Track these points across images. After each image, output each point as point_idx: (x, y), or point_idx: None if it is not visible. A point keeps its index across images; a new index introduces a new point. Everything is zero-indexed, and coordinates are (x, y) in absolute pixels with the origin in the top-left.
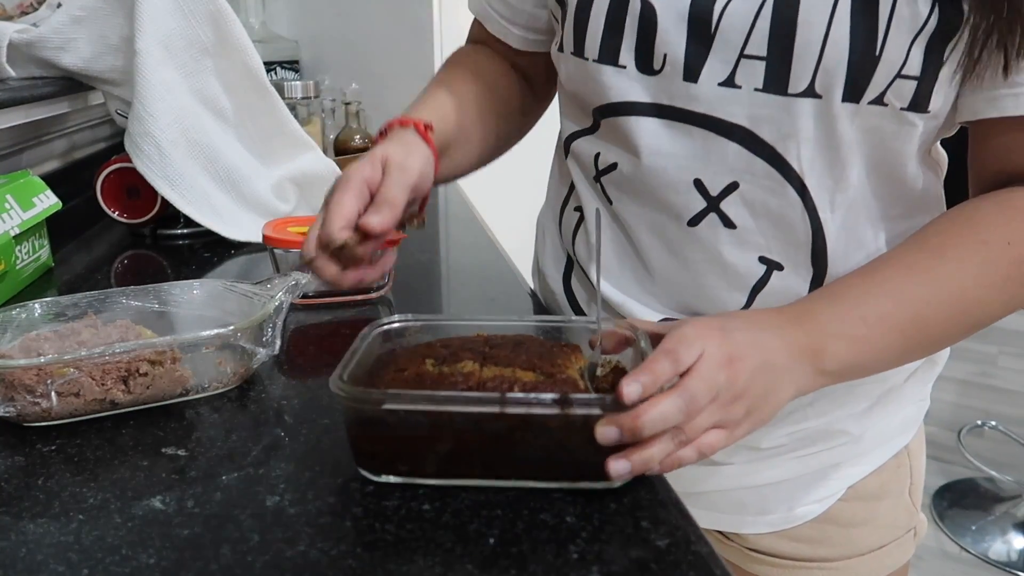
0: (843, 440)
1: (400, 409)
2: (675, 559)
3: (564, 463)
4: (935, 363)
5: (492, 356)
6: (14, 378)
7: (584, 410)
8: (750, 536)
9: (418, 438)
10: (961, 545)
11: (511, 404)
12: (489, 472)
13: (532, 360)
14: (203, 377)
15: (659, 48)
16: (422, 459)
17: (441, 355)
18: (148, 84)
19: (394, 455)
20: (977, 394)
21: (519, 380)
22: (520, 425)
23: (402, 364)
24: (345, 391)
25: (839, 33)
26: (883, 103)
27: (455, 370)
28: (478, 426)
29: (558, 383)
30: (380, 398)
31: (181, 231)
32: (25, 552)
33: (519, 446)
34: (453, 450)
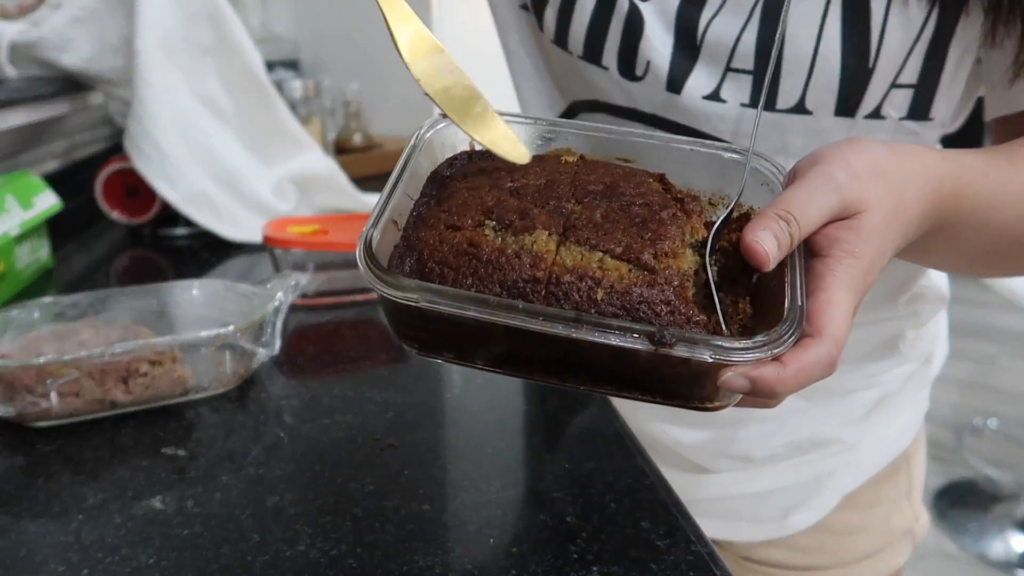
0: (837, 448)
1: (440, 309)
2: (675, 559)
3: (651, 386)
4: (931, 365)
5: (576, 222)
6: (14, 378)
7: (685, 352)
8: (743, 544)
9: (466, 335)
10: (961, 545)
11: (587, 328)
12: (552, 377)
13: (628, 238)
14: (203, 377)
15: (643, 54)
16: (471, 352)
17: (508, 212)
18: (148, 84)
19: (437, 342)
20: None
21: (605, 279)
22: (597, 349)
23: (456, 213)
24: (373, 274)
25: (829, 48)
26: (880, 116)
27: (523, 244)
28: (542, 339)
29: (657, 286)
30: (414, 293)
31: (181, 231)
32: (25, 552)
33: (593, 364)
34: (509, 352)
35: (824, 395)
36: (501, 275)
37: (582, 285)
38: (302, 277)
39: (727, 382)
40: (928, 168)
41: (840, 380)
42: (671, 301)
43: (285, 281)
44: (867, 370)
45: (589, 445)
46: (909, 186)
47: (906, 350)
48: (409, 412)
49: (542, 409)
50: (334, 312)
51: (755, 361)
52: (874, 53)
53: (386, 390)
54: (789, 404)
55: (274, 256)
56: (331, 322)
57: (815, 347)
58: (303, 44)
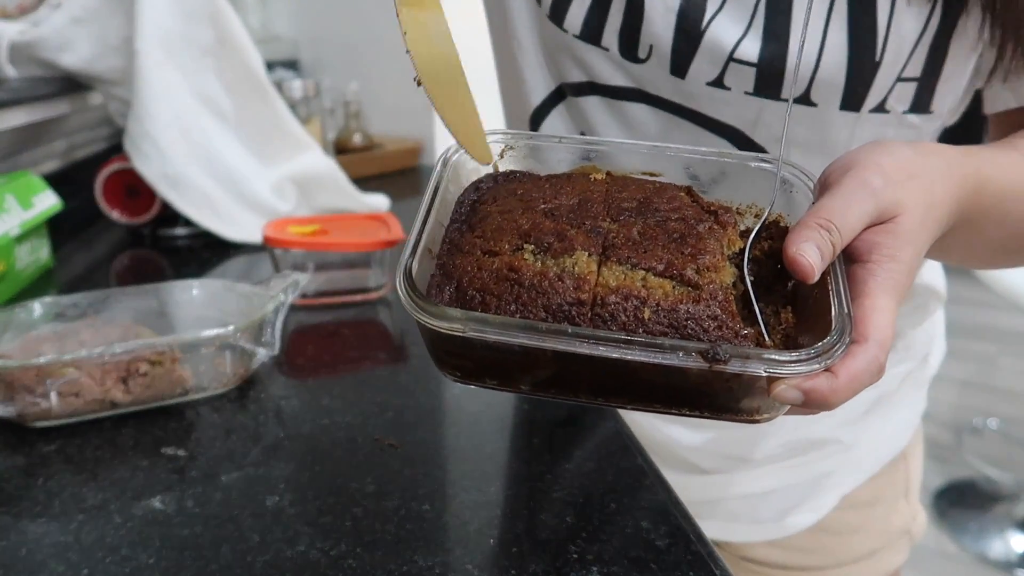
0: (836, 449)
1: (487, 338)
2: (675, 559)
3: (702, 402)
4: (928, 364)
5: (615, 243)
6: (14, 378)
7: (739, 367)
8: (742, 545)
9: (512, 362)
10: (961, 545)
11: (639, 349)
12: (599, 398)
13: (669, 254)
14: (203, 377)
15: (645, 39)
16: (517, 379)
17: (545, 233)
18: (148, 84)
19: (482, 371)
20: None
21: (651, 298)
22: (648, 369)
23: (492, 241)
24: (417, 307)
25: (834, 42)
26: (885, 110)
27: (563, 267)
28: (591, 360)
29: (703, 301)
30: (460, 324)
31: (181, 231)
32: (25, 552)
33: (643, 383)
34: (557, 375)
35: None
36: (545, 299)
37: (628, 305)
38: (302, 277)
39: (780, 395)
40: (951, 165)
41: None
42: (718, 316)
43: (285, 281)
44: None
45: (589, 445)
46: (937, 184)
47: (903, 350)
48: (409, 412)
49: (542, 409)
50: (334, 312)
51: (808, 373)
52: (880, 46)
53: (386, 390)
54: None
55: (274, 256)
56: (331, 322)
57: (863, 354)
58: (303, 44)
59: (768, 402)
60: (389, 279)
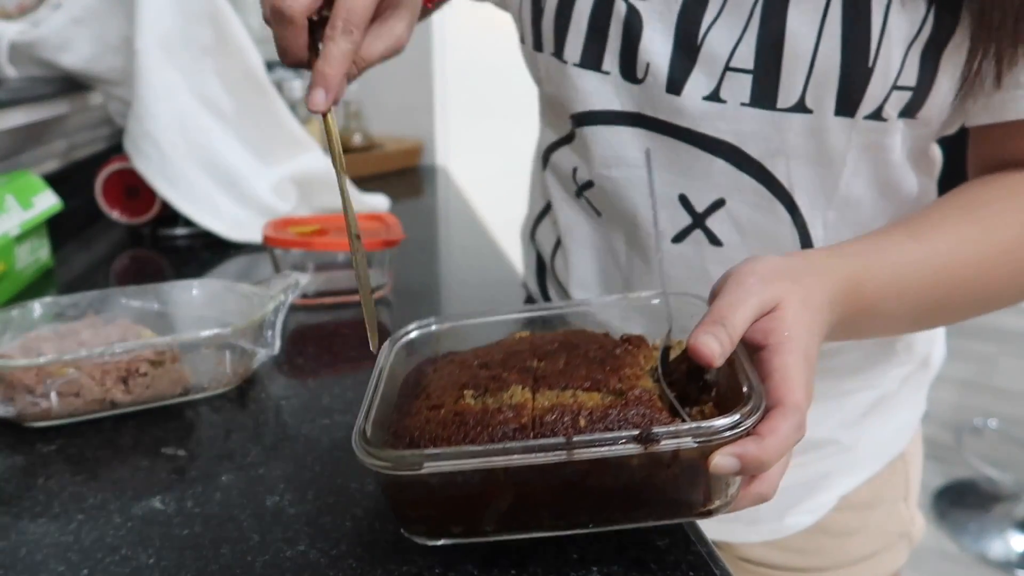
0: (834, 449)
1: (443, 471)
2: (675, 559)
3: (652, 501)
4: (929, 367)
5: (544, 375)
6: (14, 378)
7: (673, 444)
8: (740, 546)
9: (471, 496)
10: (961, 545)
11: (580, 448)
12: (560, 522)
13: (593, 374)
14: (203, 377)
15: (642, 57)
16: (478, 518)
17: (481, 380)
18: (148, 84)
19: (444, 517)
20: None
21: (583, 408)
22: (594, 468)
23: (435, 397)
24: (372, 455)
25: (829, 45)
26: (882, 118)
27: (502, 402)
28: (542, 475)
29: (632, 404)
30: (417, 460)
31: (181, 231)
32: (25, 552)
33: (594, 491)
34: (515, 504)
35: (821, 397)
36: (490, 432)
37: (564, 419)
38: (302, 277)
39: (717, 466)
40: (820, 267)
41: (836, 382)
42: (646, 413)
43: (285, 281)
44: (864, 372)
45: None
46: (808, 279)
47: (903, 352)
48: None
49: None
50: (334, 312)
51: (735, 439)
52: (874, 53)
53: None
54: None
55: (274, 256)
56: (331, 322)
57: (781, 416)
58: None
59: (716, 485)
60: (389, 279)
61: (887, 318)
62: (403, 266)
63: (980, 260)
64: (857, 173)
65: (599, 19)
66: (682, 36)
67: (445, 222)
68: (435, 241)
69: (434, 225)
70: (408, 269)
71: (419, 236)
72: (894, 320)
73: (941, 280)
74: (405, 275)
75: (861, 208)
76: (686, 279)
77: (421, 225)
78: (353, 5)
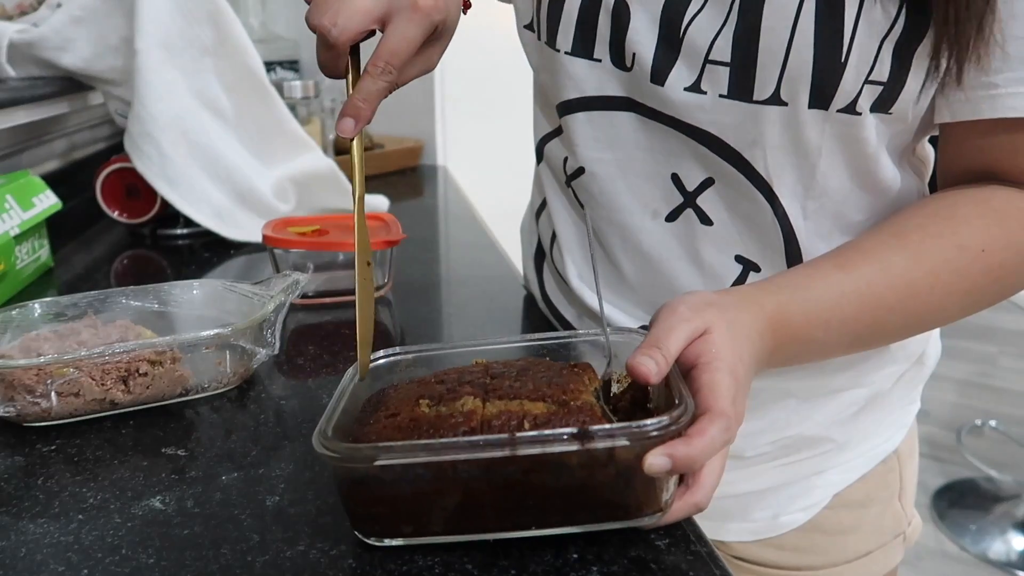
0: (828, 447)
1: (396, 464)
2: (675, 559)
3: (591, 504)
4: (924, 365)
5: (495, 388)
6: (14, 378)
7: (608, 443)
8: (734, 544)
9: (421, 494)
10: (961, 545)
11: (523, 444)
12: (505, 523)
13: (541, 388)
14: (203, 377)
15: (629, 47)
16: (427, 517)
17: (437, 393)
18: (148, 84)
19: (395, 516)
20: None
21: (528, 414)
22: (536, 467)
23: (393, 407)
24: (330, 449)
25: (803, 40)
26: (856, 112)
27: (454, 409)
28: (488, 473)
29: (573, 412)
30: (371, 454)
31: (181, 231)
32: (25, 552)
33: (537, 491)
34: (462, 503)
35: (813, 394)
36: (441, 434)
37: (511, 423)
38: (302, 277)
39: (651, 466)
40: (747, 297)
41: (829, 379)
42: (586, 420)
43: (285, 281)
44: (856, 369)
45: None
46: (735, 309)
47: (896, 350)
48: None
49: None
50: (334, 312)
51: (665, 438)
52: (846, 48)
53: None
54: (778, 403)
55: (274, 256)
56: (331, 322)
57: (708, 420)
58: (303, 44)
59: (651, 490)
60: (390, 279)
61: (819, 345)
62: (403, 266)
63: (907, 284)
64: (833, 164)
65: (589, 10)
66: (666, 27)
67: (445, 222)
68: (435, 241)
69: (434, 225)
70: (408, 269)
71: (419, 236)
72: (827, 347)
73: (867, 307)
74: (405, 275)
75: (840, 198)
76: (677, 259)
77: (421, 225)
78: (397, 48)
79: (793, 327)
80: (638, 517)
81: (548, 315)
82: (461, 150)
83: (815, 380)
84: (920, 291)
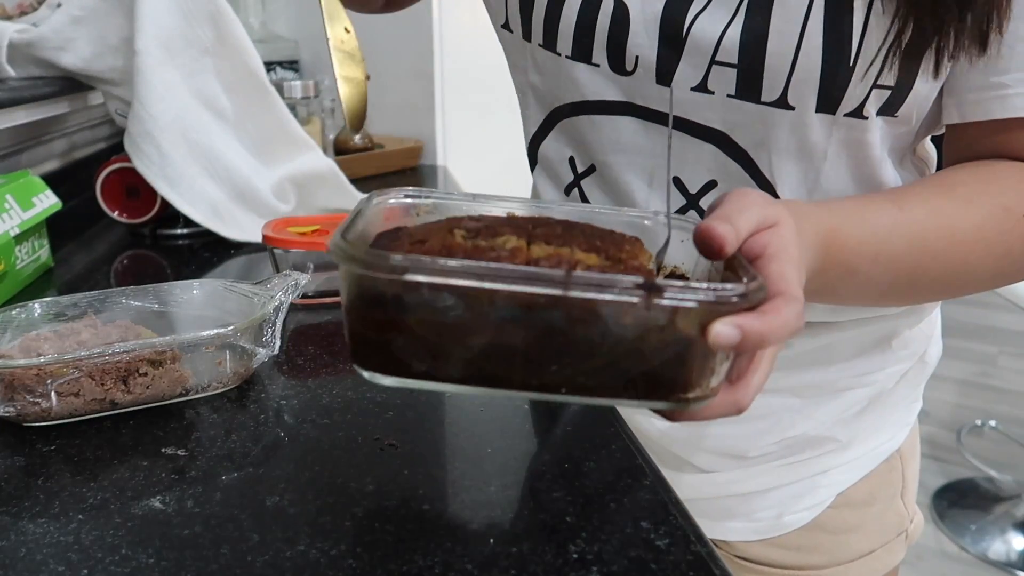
0: (831, 447)
1: (427, 283)
2: (675, 559)
3: (635, 373)
4: (926, 364)
5: (541, 235)
6: (14, 378)
7: (675, 301)
8: (738, 544)
9: (446, 326)
10: (961, 545)
11: (578, 286)
12: (533, 380)
13: (594, 241)
14: (203, 377)
15: (631, 50)
16: (447, 356)
17: (472, 226)
18: (148, 84)
19: (411, 348)
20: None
21: (581, 262)
22: (586, 316)
23: (420, 235)
24: (352, 253)
25: (811, 44)
26: (863, 116)
27: (495, 244)
28: (529, 315)
29: (631, 271)
30: (402, 264)
31: (181, 231)
32: (25, 552)
33: (579, 346)
34: (491, 346)
35: (816, 393)
36: None
37: (561, 266)
38: (302, 277)
39: (718, 335)
40: (808, 209)
41: (832, 379)
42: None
43: (285, 281)
44: (859, 368)
45: (589, 445)
46: (799, 215)
47: (899, 349)
48: (409, 412)
49: (542, 408)
50: (334, 312)
51: (739, 310)
52: (854, 52)
53: (386, 390)
54: (781, 402)
55: (274, 256)
56: (331, 322)
57: (783, 300)
58: (303, 44)
59: (700, 370)
60: None
61: (861, 279)
62: None
63: (953, 233)
64: (837, 168)
65: (587, 14)
66: (667, 29)
67: None
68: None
69: None
70: None
71: None
72: (867, 284)
73: (914, 248)
74: None
75: None
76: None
77: None
78: None
79: (845, 252)
80: (679, 400)
81: None
82: (461, 150)
83: (818, 379)
84: (964, 242)
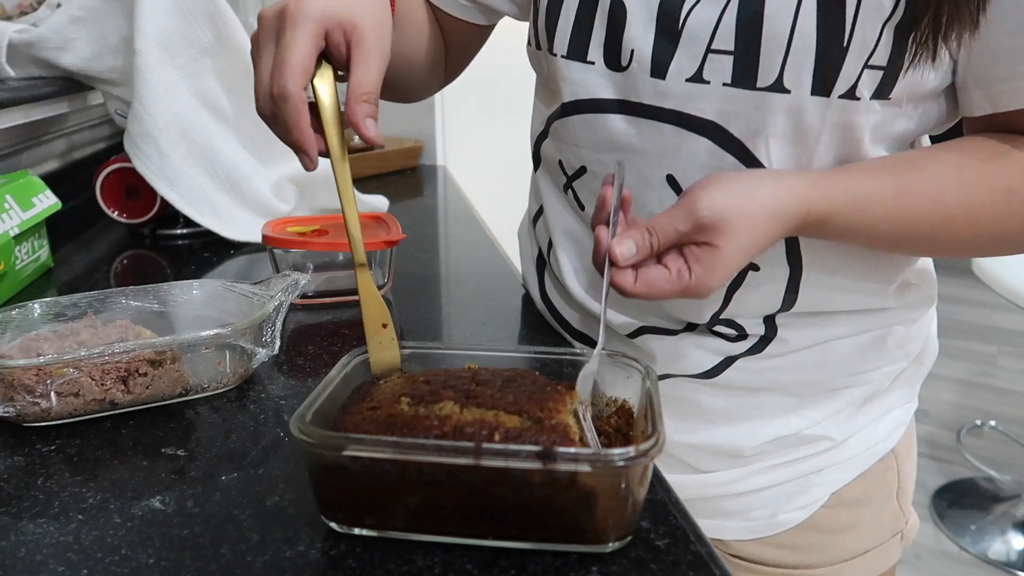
0: (826, 446)
1: (363, 456)
2: (675, 559)
3: (549, 523)
4: (922, 364)
5: (477, 395)
6: (14, 378)
7: (570, 466)
8: (733, 543)
9: (384, 488)
10: (961, 545)
11: (487, 455)
12: (464, 529)
13: (520, 402)
14: (203, 377)
15: (627, 44)
16: (389, 512)
17: (420, 392)
18: (148, 84)
19: (359, 506)
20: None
21: (501, 426)
22: (498, 479)
23: (376, 400)
24: (304, 433)
25: (806, 24)
26: (855, 97)
27: (432, 412)
28: (451, 478)
29: (546, 430)
30: (340, 443)
31: (181, 231)
32: (25, 552)
33: (497, 503)
34: (424, 504)
35: (811, 392)
36: (415, 435)
37: (482, 432)
38: (302, 277)
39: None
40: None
41: (827, 377)
42: (556, 441)
43: (285, 281)
44: (854, 367)
45: None
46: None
47: (895, 348)
48: None
49: None
50: (333, 312)
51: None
52: (848, 32)
53: None
54: (776, 401)
55: (274, 256)
56: (330, 322)
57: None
58: None
59: (611, 520)
60: (389, 279)
61: (870, 227)
62: (403, 266)
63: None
64: (828, 152)
65: (585, 11)
66: (664, 20)
67: (445, 222)
68: (435, 241)
69: (434, 225)
70: (408, 269)
71: (419, 236)
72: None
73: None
74: (405, 275)
75: None
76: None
77: (421, 225)
78: None
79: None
80: (597, 543)
81: (548, 316)
82: (461, 150)
83: (814, 377)
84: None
